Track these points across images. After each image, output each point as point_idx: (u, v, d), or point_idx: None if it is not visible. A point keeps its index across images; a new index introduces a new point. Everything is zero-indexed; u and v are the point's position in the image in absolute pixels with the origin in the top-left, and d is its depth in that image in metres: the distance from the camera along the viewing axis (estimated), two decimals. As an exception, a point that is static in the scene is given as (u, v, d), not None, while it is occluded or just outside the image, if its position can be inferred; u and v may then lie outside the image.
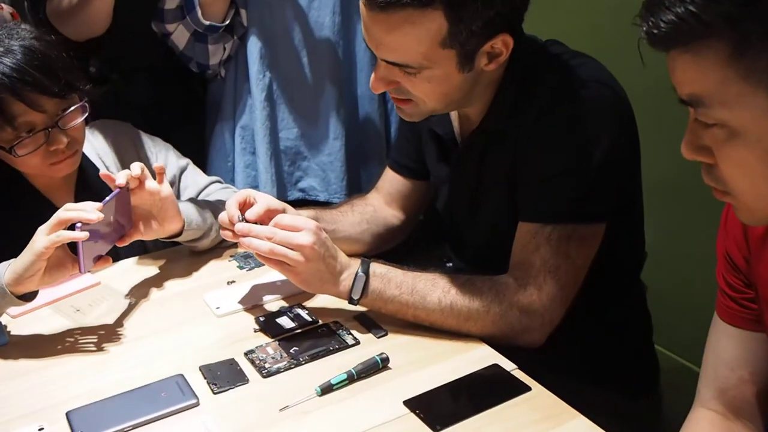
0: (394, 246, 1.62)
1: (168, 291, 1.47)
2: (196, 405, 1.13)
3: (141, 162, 1.39)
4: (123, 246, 1.39)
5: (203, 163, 2.03)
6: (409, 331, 1.28)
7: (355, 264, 1.28)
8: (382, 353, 1.20)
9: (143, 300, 1.43)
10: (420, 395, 1.13)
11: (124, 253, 1.55)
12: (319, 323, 1.32)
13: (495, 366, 1.19)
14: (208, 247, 1.57)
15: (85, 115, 1.45)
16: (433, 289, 1.26)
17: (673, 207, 1.87)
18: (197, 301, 1.41)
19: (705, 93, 0.79)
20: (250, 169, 2.04)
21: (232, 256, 1.57)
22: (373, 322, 1.31)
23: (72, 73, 1.42)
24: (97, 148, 1.62)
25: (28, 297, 1.29)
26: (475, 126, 1.35)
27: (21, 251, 1.25)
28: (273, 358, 1.22)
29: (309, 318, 1.33)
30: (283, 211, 1.35)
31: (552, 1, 1.96)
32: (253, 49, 1.93)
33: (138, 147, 1.67)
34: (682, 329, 1.71)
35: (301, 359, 1.22)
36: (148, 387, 1.16)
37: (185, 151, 1.75)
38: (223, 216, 1.33)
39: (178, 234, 1.47)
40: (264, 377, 1.19)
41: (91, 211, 1.22)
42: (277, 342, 1.27)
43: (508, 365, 1.20)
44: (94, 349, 1.29)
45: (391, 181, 1.61)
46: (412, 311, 1.26)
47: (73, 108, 1.42)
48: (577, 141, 1.24)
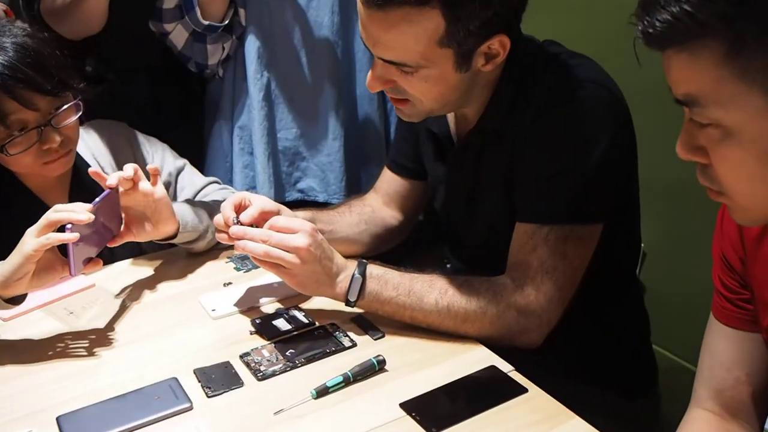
0: (393, 247, 1.61)
1: (163, 293, 1.46)
2: (190, 409, 1.12)
3: (137, 162, 1.37)
4: (115, 246, 1.37)
5: (201, 164, 2.02)
6: (407, 332, 1.27)
7: (351, 265, 1.28)
8: (379, 355, 1.19)
9: (138, 302, 1.42)
10: (417, 397, 1.12)
11: (119, 254, 1.54)
12: (316, 325, 1.31)
13: (492, 368, 1.19)
14: (205, 248, 1.56)
15: (79, 113, 1.43)
16: (430, 290, 1.25)
17: (670, 207, 1.87)
18: (193, 303, 1.40)
19: (700, 92, 0.79)
20: (248, 169, 2.03)
21: (229, 258, 1.56)
22: (371, 324, 1.30)
23: (65, 71, 1.40)
24: (92, 148, 1.60)
25: (17, 300, 1.27)
26: (472, 126, 1.35)
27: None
28: (268, 360, 1.21)
29: (305, 320, 1.32)
30: (278, 212, 1.34)
31: (550, 2, 1.96)
32: (251, 48, 1.93)
33: (134, 147, 1.65)
34: (679, 329, 1.70)
35: (297, 362, 1.21)
36: (140, 391, 1.15)
37: (183, 152, 1.74)
38: (218, 218, 1.32)
39: (173, 236, 1.45)
40: (259, 380, 1.18)
41: (81, 212, 1.19)
42: (273, 344, 1.26)
43: (505, 367, 1.19)
44: (86, 353, 1.27)
45: (389, 181, 1.61)
46: (409, 313, 1.26)
47: (66, 106, 1.40)
48: (575, 141, 1.23)
